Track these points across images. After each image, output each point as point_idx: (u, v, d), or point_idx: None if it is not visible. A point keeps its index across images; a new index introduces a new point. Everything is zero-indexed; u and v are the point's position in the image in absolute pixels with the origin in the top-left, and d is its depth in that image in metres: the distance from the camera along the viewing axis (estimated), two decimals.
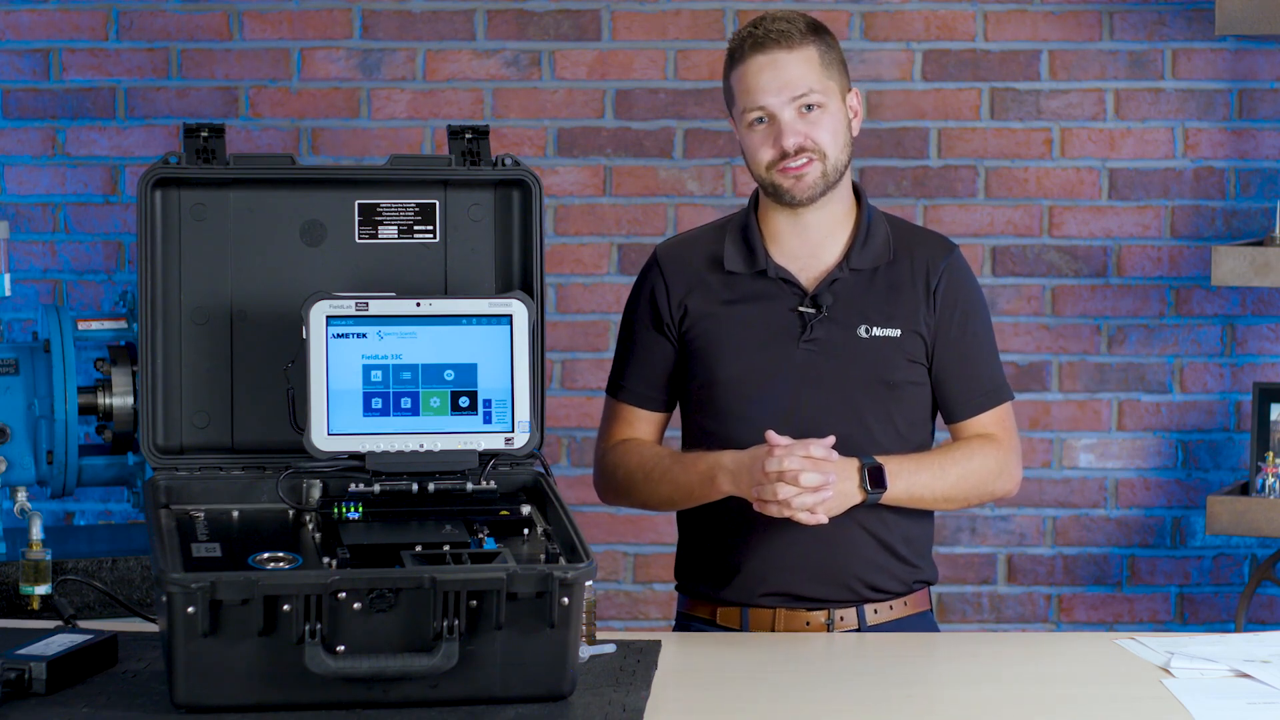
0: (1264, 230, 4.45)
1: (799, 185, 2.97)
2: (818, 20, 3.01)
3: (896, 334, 3.00)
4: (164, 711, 2.46)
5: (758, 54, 2.96)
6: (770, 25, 2.97)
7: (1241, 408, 4.54)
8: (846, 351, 2.99)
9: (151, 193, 2.79)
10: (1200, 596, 4.58)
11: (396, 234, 2.87)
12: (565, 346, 4.58)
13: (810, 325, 3.00)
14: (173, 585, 2.41)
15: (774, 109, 2.95)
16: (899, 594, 3.05)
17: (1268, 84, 4.52)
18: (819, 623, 3.01)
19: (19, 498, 3.39)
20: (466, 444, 2.71)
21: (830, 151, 2.97)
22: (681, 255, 3.10)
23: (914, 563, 3.05)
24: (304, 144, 4.56)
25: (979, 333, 3.07)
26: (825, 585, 3.01)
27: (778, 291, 3.02)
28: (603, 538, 4.58)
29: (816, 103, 2.96)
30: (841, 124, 2.99)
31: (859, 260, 3.01)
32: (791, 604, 3.01)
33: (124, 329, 3.45)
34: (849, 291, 3.01)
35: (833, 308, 3.00)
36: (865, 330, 3.00)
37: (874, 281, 3.02)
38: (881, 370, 3.00)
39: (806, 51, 2.96)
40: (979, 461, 3.00)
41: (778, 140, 2.95)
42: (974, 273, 3.13)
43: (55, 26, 4.55)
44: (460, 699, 2.49)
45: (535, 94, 4.56)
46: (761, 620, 3.02)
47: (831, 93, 2.98)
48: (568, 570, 2.48)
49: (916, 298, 3.02)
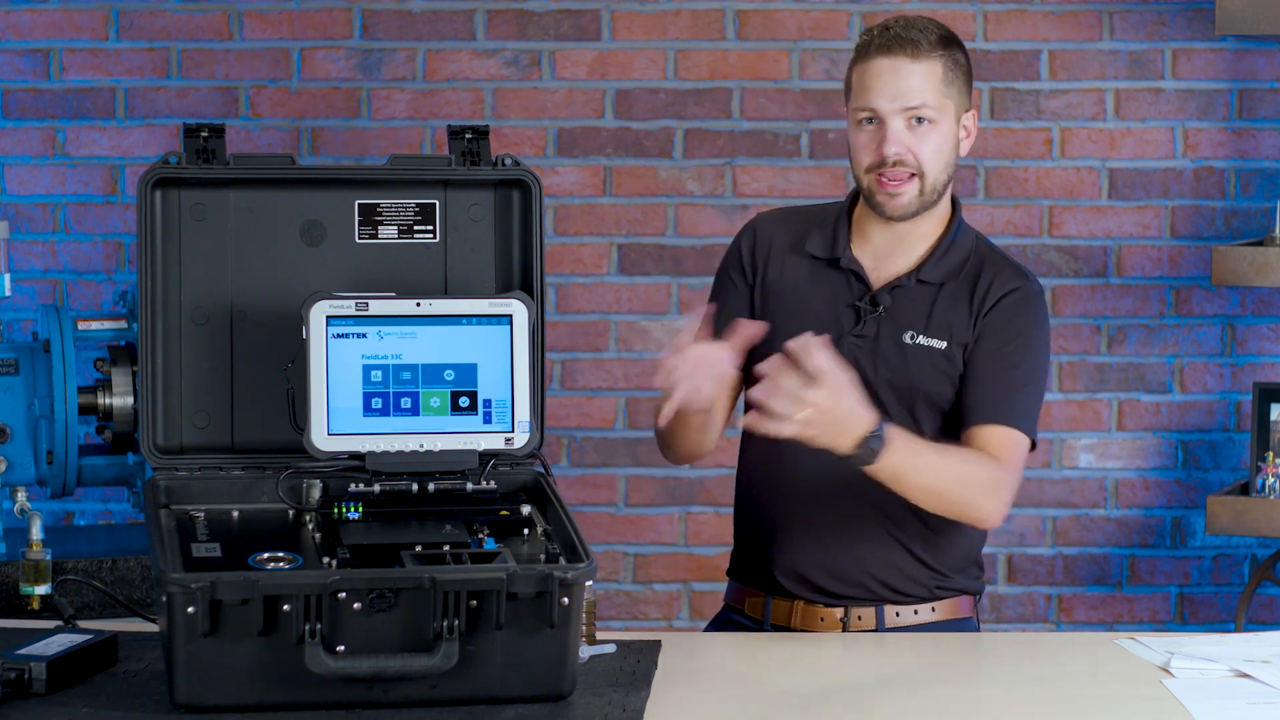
0: (1264, 230, 4.45)
1: (893, 203, 2.96)
2: (952, 34, 2.98)
3: (942, 346, 2.99)
4: (164, 711, 2.46)
5: (882, 56, 2.93)
6: (902, 30, 2.93)
7: (1241, 408, 4.54)
8: (888, 354, 2.99)
9: (151, 193, 2.79)
10: (1200, 596, 4.58)
11: (396, 234, 2.87)
12: (565, 346, 4.58)
13: (863, 321, 3.00)
14: (173, 585, 2.40)
15: (884, 114, 2.93)
16: (923, 599, 3.03)
17: (1268, 84, 4.52)
18: (834, 619, 3.00)
19: (19, 498, 3.39)
20: (466, 444, 2.71)
21: (930, 170, 2.95)
22: (774, 226, 3.11)
23: (940, 570, 3.02)
24: (304, 144, 4.56)
25: (1018, 359, 2.98)
26: (840, 580, 3.01)
27: (844, 283, 3.02)
28: (603, 538, 4.58)
29: (928, 117, 2.93)
30: (949, 143, 2.97)
31: (931, 273, 3.01)
32: (810, 596, 3.01)
33: (124, 329, 3.44)
34: (910, 298, 3.01)
35: (889, 310, 3.00)
36: (911, 337, 2.99)
37: (938, 294, 3.01)
38: (915, 378, 2.99)
39: (931, 65, 2.93)
40: (976, 471, 2.91)
41: (880, 145, 2.93)
42: (1044, 310, 3.03)
43: (55, 26, 4.55)
44: (460, 699, 2.49)
45: (535, 94, 4.56)
46: (781, 611, 3.02)
47: (946, 110, 2.95)
48: (568, 570, 2.48)
49: (966, 315, 3.00)
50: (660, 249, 4.56)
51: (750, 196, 4.54)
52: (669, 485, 4.56)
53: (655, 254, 4.57)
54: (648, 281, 4.56)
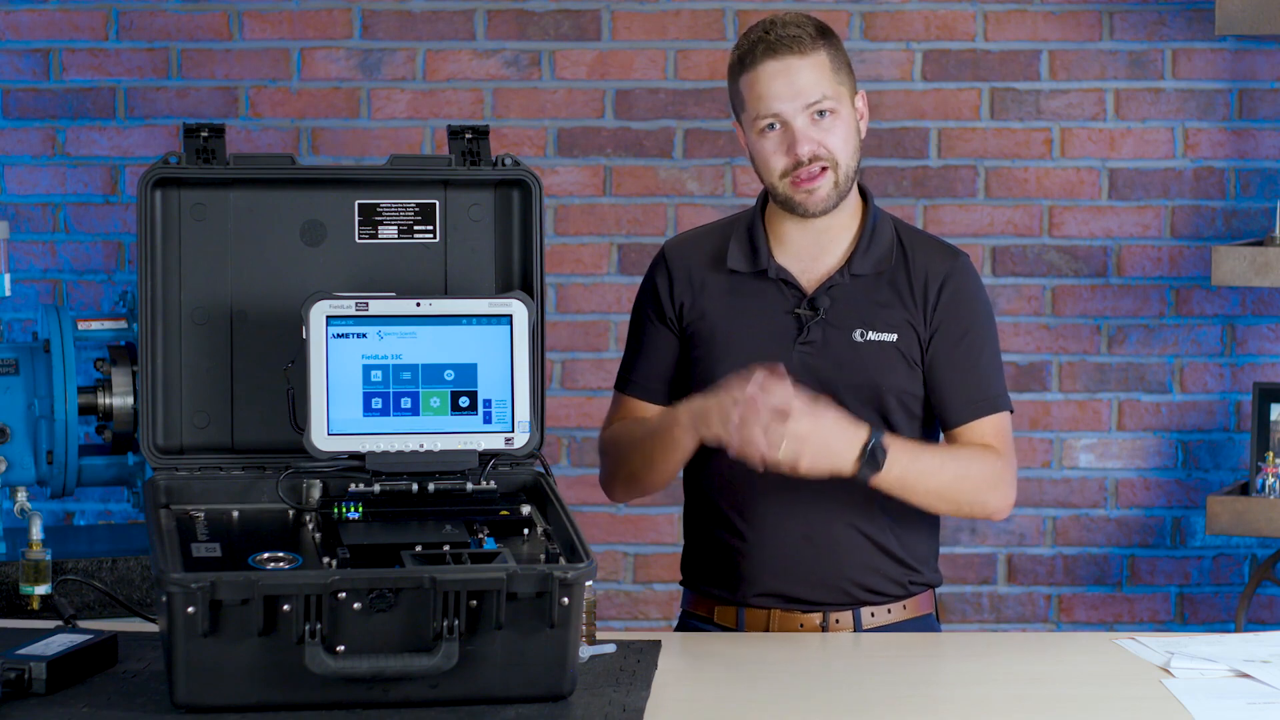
0: (1264, 230, 4.45)
1: (811, 199, 2.95)
2: (824, 23, 2.99)
3: (893, 339, 2.98)
4: (164, 711, 2.46)
5: (770, 60, 2.92)
6: (782, 31, 2.93)
7: (1241, 408, 4.54)
8: (841, 355, 2.98)
9: (151, 193, 2.79)
10: (1200, 596, 4.58)
11: (396, 234, 2.87)
12: (565, 346, 4.58)
13: (807, 328, 2.98)
14: (173, 585, 2.40)
15: (787, 116, 2.92)
16: (897, 597, 3.03)
17: (1268, 84, 4.52)
18: (813, 624, 3.00)
19: (19, 498, 3.39)
20: (466, 444, 2.71)
21: (842, 159, 2.94)
22: (686, 251, 3.09)
23: (912, 565, 3.03)
24: (304, 144, 4.57)
25: (979, 341, 3.02)
26: (819, 588, 3.00)
27: (777, 292, 3.01)
28: (603, 538, 4.58)
29: (829, 109, 2.93)
30: (852, 129, 2.97)
31: (861, 265, 3.00)
32: (786, 605, 3.01)
33: (124, 329, 3.45)
34: (847, 295, 2.99)
35: (829, 311, 2.98)
36: (861, 334, 2.98)
37: (874, 286, 3.00)
38: (875, 374, 2.98)
39: (818, 57, 2.93)
40: (978, 467, 2.95)
41: (791, 148, 2.93)
42: (980, 281, 3.07)
43: (55, 26, 4.56)
44: (460, 699, 2.49)
45: (535, 94, 4.56)
46: (756, 620, 3.01)
47: (843, 98, 2.95)
48: (568, 570, 2.48)
49: (914, 304, 2.99)
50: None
51: (750, 196, 4.54)
52: (669, 485, 4.56)
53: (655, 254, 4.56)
54: None
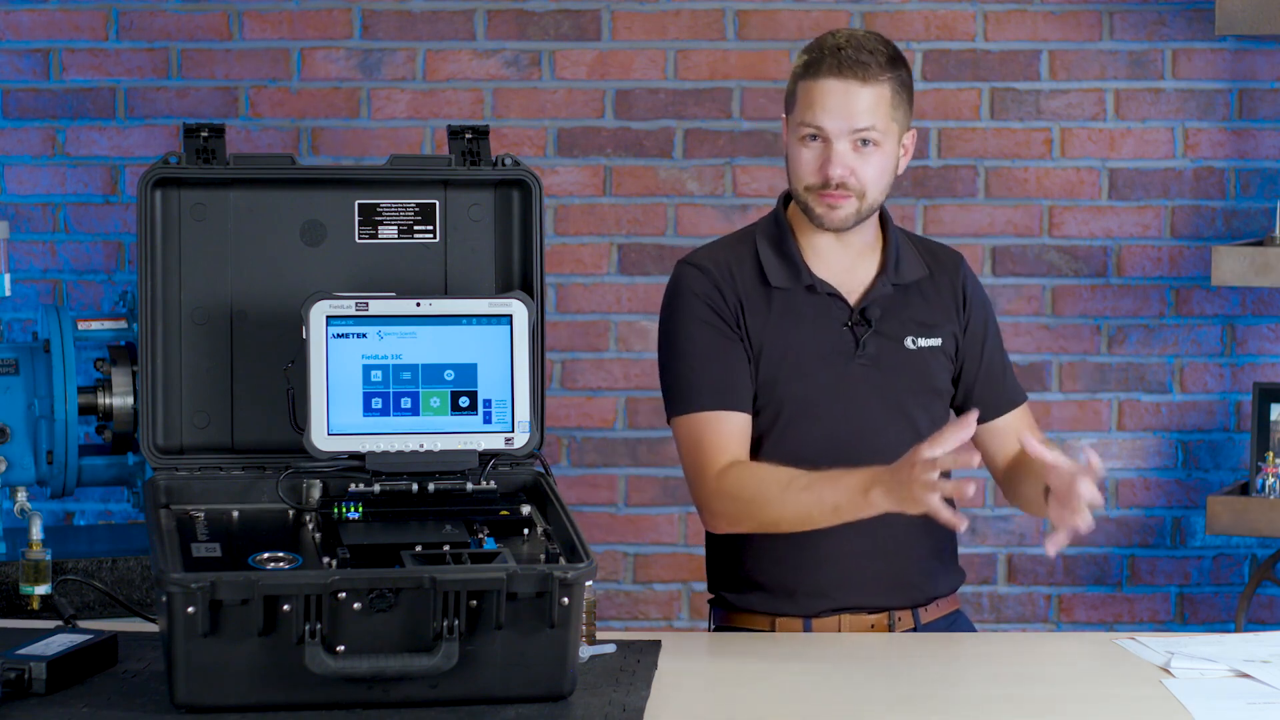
0: (1264, 230, 4.45)
1: (831, 215, 2.97)
2: (899, 52, 2.98)
3: (938, 343, 3.06)
4: (164, 711, 2.46)
5: (833, 77, 2.92)
6: (855, 53, 2.92)
7: (1241, 408, 4.54)
8: (898, 364, 3.03)
9: (151, 193, 2.79)
10: (1200, 596, 4.58)
11: (396, 234, 2.87)
12: (565, 346, 4.58)
13: (863, 341, 3.01)
14: (173, 585, 2.41)
15: (831, 134, 2.93)
16: (945, 595, 3.09)
17: (1268, 84, 4.51)
18: (882, 625, 3.04)
19: (19, 498, 3.39)
20: (466, 444, 2.71)
21: (871, 192, 2.96)
22: (724, 264, 3.04)
23: (956, 564, 3.12)
24: (304, 144, 4.56)
25: (996, 335, 3.15)
26: (885, 594, 3.04)
27: (826, 307, 3.02)
28: (603, 538, 4.58)
29: (874, 140, 2.94)
30: (890, 164, 2.98)
31: (899, 275, 3.04)
32: (855, 612, 3.03)
33: (124, 329, 3.45)
34: (892, 305, 3.04)
35: (880, 322, 3.02)
36: (912, 342, 3.04)
37: (910, 294, 3.06)
38: (929, 379, 3.05)
39: (881, 89, 2.93)
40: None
41: (824, 166, 2.94)
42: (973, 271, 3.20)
43: (55, 26, 4.55)
44: (460, 699, 2.49)
45: (535, 94, 4.56)
46: (826, 627, 3.03)
47: (891, 133, 2.96)
48: (568, 570, 2.48)
49: (948, 306, 3.07)
50: (660, 249, 4.56)
51: (750, 196, 4.54)
52: (669, 485, 4.56)
53: (655, 254, 4.56)
54: (648, 281, 4.55)
